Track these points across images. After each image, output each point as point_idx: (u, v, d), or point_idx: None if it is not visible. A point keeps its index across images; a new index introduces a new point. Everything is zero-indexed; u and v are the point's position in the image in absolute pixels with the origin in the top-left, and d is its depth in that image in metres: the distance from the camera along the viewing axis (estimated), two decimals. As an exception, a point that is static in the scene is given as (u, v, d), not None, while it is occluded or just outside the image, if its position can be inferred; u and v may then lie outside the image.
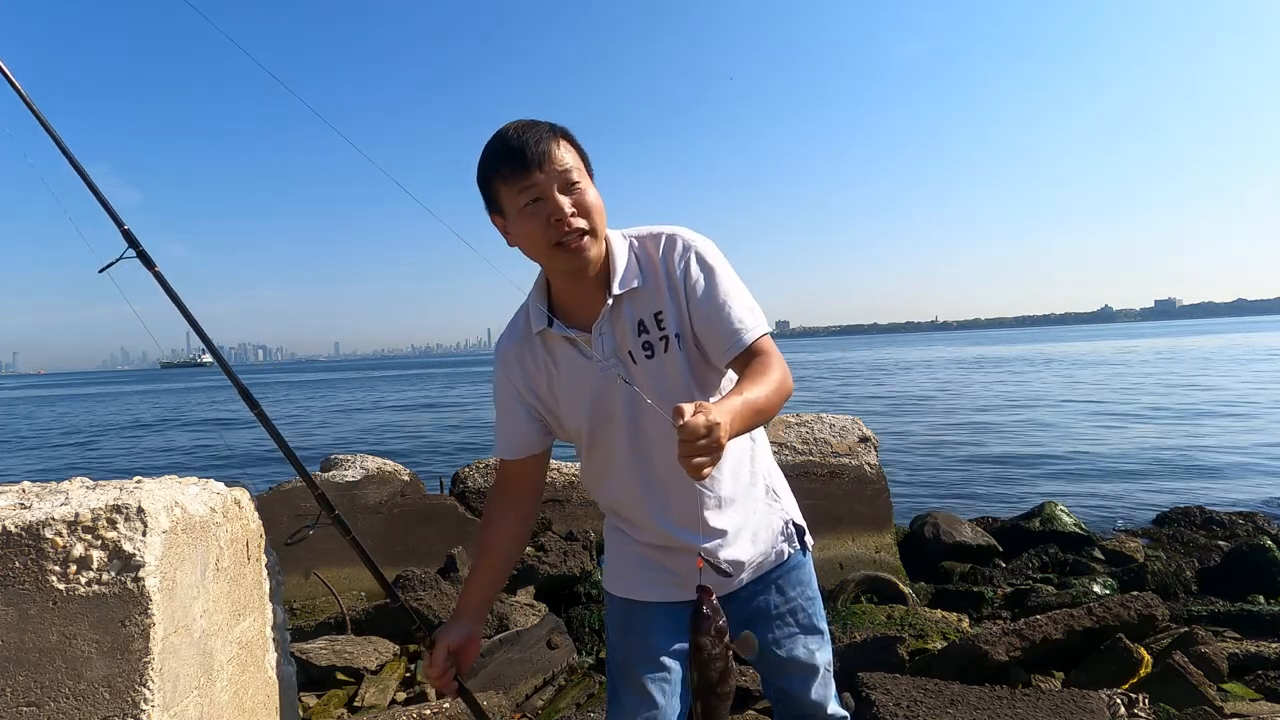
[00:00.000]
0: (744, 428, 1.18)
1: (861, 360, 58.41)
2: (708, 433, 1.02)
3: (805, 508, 1.63)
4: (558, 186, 1.29)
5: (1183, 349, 48.73)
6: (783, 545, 1.51)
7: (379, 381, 62.08)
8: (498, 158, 1.31)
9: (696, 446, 1.02)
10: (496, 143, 1.32)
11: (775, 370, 1.30)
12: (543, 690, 3.31)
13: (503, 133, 1.32)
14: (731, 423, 1.10)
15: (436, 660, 1.44)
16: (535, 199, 1.30)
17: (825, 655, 1.55)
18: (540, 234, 1.31)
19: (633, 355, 1.38)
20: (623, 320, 1.39)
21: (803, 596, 1.53)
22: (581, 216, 1.31)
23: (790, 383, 1.33)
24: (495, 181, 1.32)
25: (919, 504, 7.73)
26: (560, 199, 1.30)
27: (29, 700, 1.10)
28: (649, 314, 1.38)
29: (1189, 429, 13.59)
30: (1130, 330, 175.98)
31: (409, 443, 18.06)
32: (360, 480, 5.12)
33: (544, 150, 1.28)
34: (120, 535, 1.14)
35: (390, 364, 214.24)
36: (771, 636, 1.50)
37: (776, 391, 1.27)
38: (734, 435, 1.14)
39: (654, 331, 1.38)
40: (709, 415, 1.03)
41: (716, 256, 1.40)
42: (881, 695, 2.65)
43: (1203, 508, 7.00)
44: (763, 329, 1.36)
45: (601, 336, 1.38)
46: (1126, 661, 3.01)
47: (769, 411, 1.26)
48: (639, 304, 1.39)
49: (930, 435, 14.61)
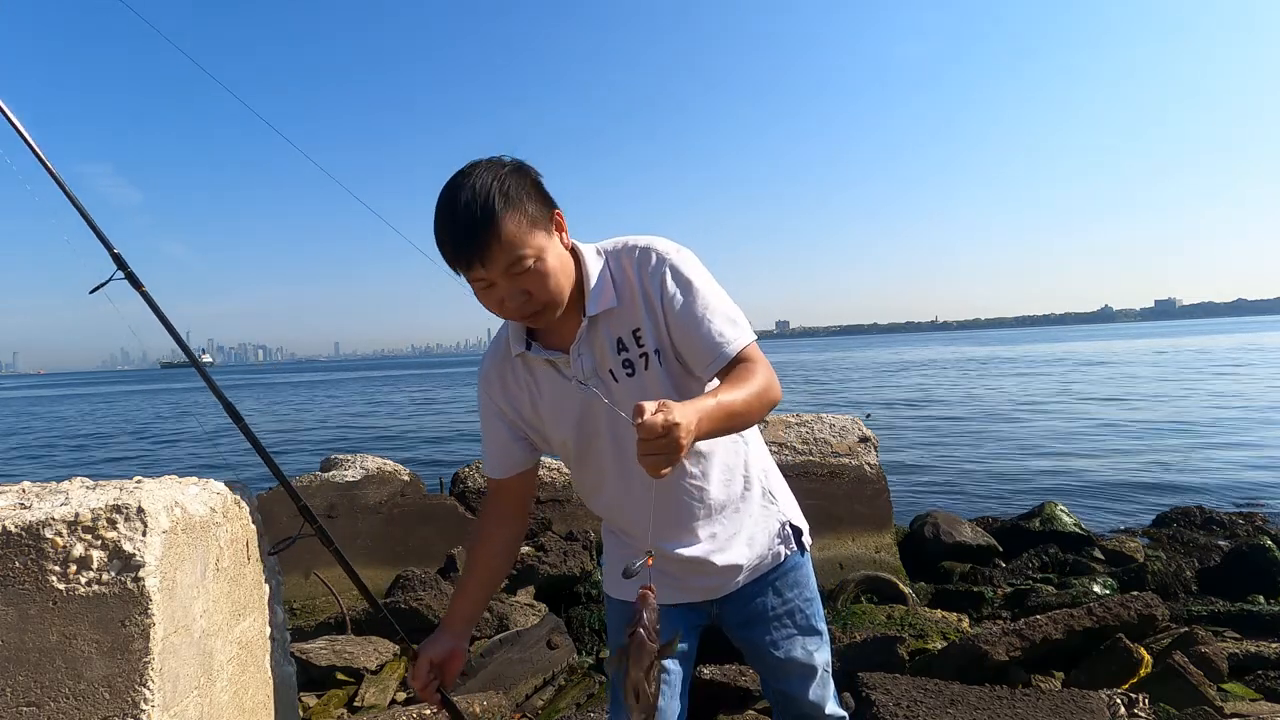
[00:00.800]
0: (715, 429, 1.17)
1: (861, 360, 58.41)
2: (665, 432, 1.02)
3: (805, 508, 1.63)
4: (504, 274, 1.25)
5: (1183, 349, 48.73)
6: (779, 547, 1.51)
7: (379, 381, 62.08)
8: (440, 239, 1.27)
9: (654, 444, 1.02)
10: (439, 218, 1.26)
11: (757, 377, 1.27)
12: (543, 690, 3.31)
13: (443, 207, 1.26)
14: (699, 423, 1.09)
15: (419, 673, 1.48)
16: (486, 285, 1.28)
17: (823, 656, 1.55)
18: (495, 312, 1.33)
19: (613, 374, 1.37)
20: (600, 339, 1.37)
21: (800, 598, 1.53)
22: (536, 298, 1.29)
23: (776, 390, 1.31)
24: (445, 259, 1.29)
25: (919, 504, 7.73)
26: (512, 289, 1.27)
27: (29, 700, 1.10)
28: (627, 332, 1.36)
29: (1189, 429, 13.59)
30: (1130, 330, 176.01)
31: (409, 443, 18.07)
32: (360, 480, 5.12)
33: (483, 243, 1.22)
34: (120, 535, 1.14)
35: (390, 364, 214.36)
36: (769, 638, 1.50)
37: (756, 397, 1.24)
38: (704, 436, 1.13)
39: (633, 349, 1.36)
40: (669, 415, 1.02)
41: (694, 268, 1.37)
42: (881, 695, 2.65)
43: (1203, 508, 7.00)
44: (745, 340, 1.34)
45: (580, 357, 1.37)
46: (1126, 661, 3.01)
47: (746, 416, 1.23)
48: (615, 323, 1.37)
49: (930, 435, 14.62)
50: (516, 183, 1.25)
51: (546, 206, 1.30)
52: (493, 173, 1.25)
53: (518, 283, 1.26)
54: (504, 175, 1.25)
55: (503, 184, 1.24)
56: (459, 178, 1.26)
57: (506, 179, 1.25)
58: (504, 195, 1.23)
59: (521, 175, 1.28)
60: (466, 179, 1.24)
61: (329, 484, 5.04)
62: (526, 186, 1.27)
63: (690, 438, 1.06)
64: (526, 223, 1.24)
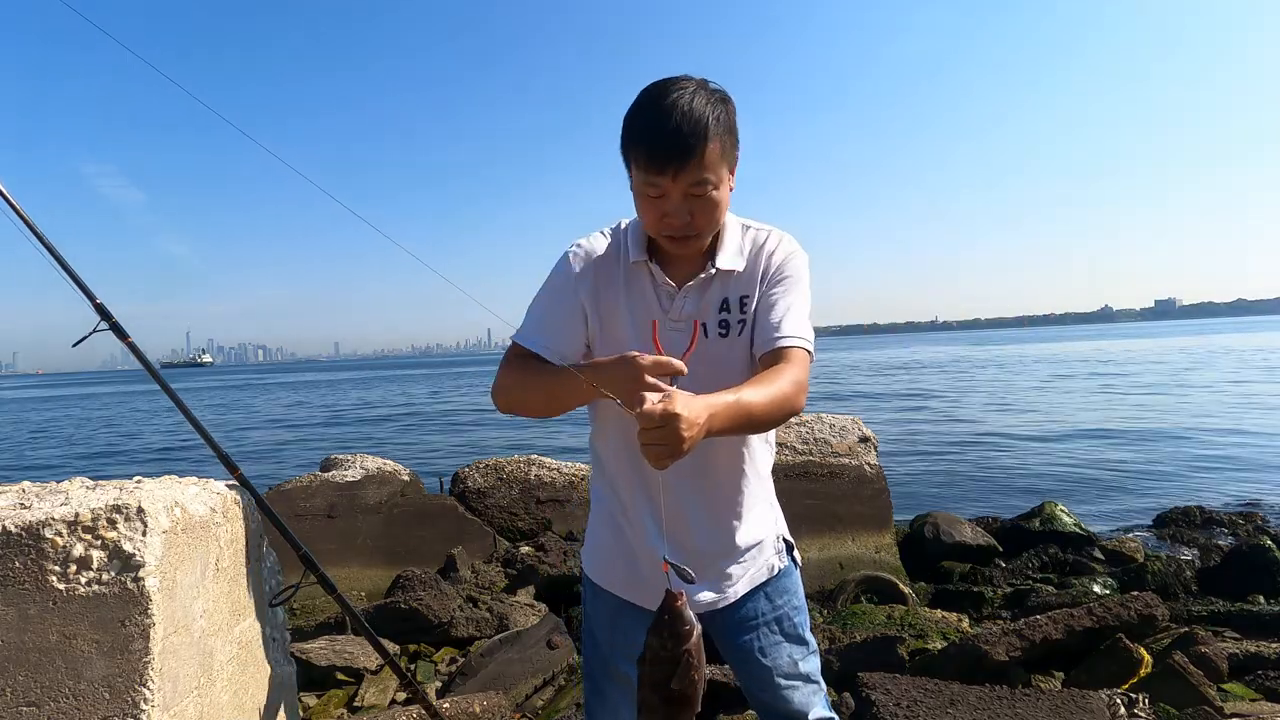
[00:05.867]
0: (729, 428, 1.15)
1: (861, 360, 58.41)
2: (663, 422, 1.01)
3: (805, 507, 1.63)
4: (684, 192, 1.27)
5: (1183, 349, 48.73)
6: (774, 559, 1.51)
7: (379, 381, 62.09)
8: (638, 138, 1.27)
9: (652, 434, 1.02)
10: (645, 115, 1.26)
11: (784, 381, 1.25)
12: (543, 690, 3.31)
13: (652, 107, 1.25)
14: (710, 418, 1.08)
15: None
16: (658, 194, 1.28)
17: (808, 665, 1.52)
18: (650, 220, 1.33)
19: (706, 329, 1.38)
20: (712, 291, 1.39)
21: (789, 605, 1.51)
22: (696, 222, 1.30)
23: (798, 399, 1.27)
24: (629, 154, 1.30)
25: (919, 504, 7.73)
26: (680, 206, 1.28)
27: (29, 700, 1.10)
28: (736, 295, 1.39)
29: (1189, 429, 13.59)
30: (1130, 330, 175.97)
31: (409, 443, 18.07)
32: (360, 480, 5.12)
33: (685, 157, 1.23)
34: (120, 535, 1.14)
35: (391, 364, 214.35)
36: (758, 644, 1.48)
37: (775, 402, 1.22)
38: (718, 434, 1.12)
39: (735, 313, 1.39)
40: (670, 405, 1.02)
41: (804, 270, 1.42)
42: (881, 695, 2.65)
43: (1203, 508, 7.01)
44: (801, 341, 1.34)
45: (686, 298, 1.38)
46: (1126, 661, 3.01)
47: (762, 419, 1.21)
48: (732, 284, 1.39)
49: (930, 435, 14.62)
50: (727, 112, 1.29)
51: (736, 145, 1.33)
52: (708, 95, 1.27)
53: (691, 203, 1.28)
54: (717, 101, 1.28)
55: (716, 109, 1.26)
56: (671, 85, 1.27)
57: (719, 106, 1.27)
58: (717, 119, 1.26)
59: (730, 107, 1.30)
60: (682, 90, 1.26)
61: (329, 484, 5.04)
62: (731, 119, 1.30)
63: (696, 432, 1.05)
64: (721, 152, 1.27)
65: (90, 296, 1.59)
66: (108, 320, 1.59)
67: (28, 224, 1.52)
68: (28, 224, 1.52)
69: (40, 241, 1.53)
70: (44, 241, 1.53)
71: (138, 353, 1.62)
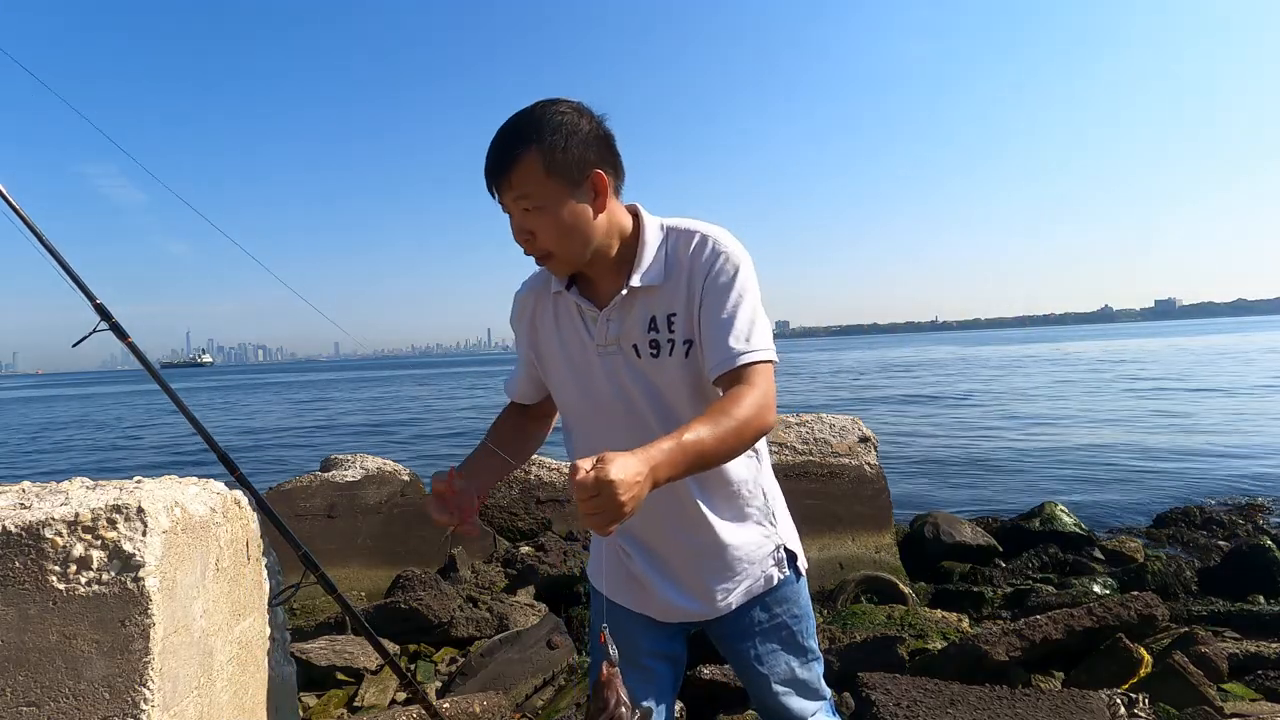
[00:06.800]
0: (680, 473, 1.09)
1: (861, 360, 58.40)
2: (597, 490, 0.96)
3: (805, 508, 1.61)
4: (520, 210, 1.27)
5: (1183, 349, 48.73)
6: (772, 571, 1.46)
7: (379, 381, 62.09)
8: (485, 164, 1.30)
9: (589, 504, 0.98)
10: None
11: (742, 407, 1.17)
12: (543, 690, 3.31)
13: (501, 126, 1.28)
14: (654, 470, 1.03)
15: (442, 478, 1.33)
16: (504, 209, 1.30)
17: (807, 673, 1.49)
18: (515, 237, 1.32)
19: (637, 349, 1.33)
20: (635, 312, 1.33)
21: (788, 614, 1.48)
22: (539, 243, 1.29)
23: (764, 419, 1.21)
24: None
25: (919, 504, 7.72)
26: (518, 225, 1.29)
27: (29, 700, 1.10)
28: (663, 313, 1.32)
29: (1189, 429, 13.58)
30: (1130, 330, 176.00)
31: (409, 442, 18.08)
32: (360, 480, 5.12)
33: (499, 170, 1.24)
34: (120, 535, 1.14)
35: (391, 364, 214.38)
36: (755, 652, 1.46)
37: (731, 432, 1.14)
38: (668, 481, 1.07)
39: (664, 332, 1.32)
40: (604, 472, 0.97)
41: (744, 272, 1.30)
42: (881, 695, 2.65)
43: (1203, 508, 7.01)
44: (756, 356, 1.24)
45: (609, 321, 1.34)
46: (1126, 661, 3.01)
47: (719, 455, 1.14)
48: (655, 301, 1.33)
49: (930, 435, 14.62)
50: (569, 124, 1.23)
51: (587, 162, 1.25)
52: (554, 109, 1.24)
53: (524, 220, 1.27)
54: (559, 113, 1.23)
55: (551, 120, 1.22)
56: (533, 104, 1.27)
57: (558, 117, 1.23)
58: (541, 130, 1.21)
59: (578, 120, 1.24)
60: (533, 106, 1.26)
61: (329, 484, 5.04)
62: (580, 133, 1.24)
63: (637, 491, 1.00)
64: (548, 166, 1.22)
65: (90, 297, 1.59)
66: (108, 320, 1.59)
67: (28, 224, 1.52)
68: (28, 224, 1.52)
69: (40, 242, 1.53)
70: (44, 242, 1.53)
71: (138, 353, 1.63)
